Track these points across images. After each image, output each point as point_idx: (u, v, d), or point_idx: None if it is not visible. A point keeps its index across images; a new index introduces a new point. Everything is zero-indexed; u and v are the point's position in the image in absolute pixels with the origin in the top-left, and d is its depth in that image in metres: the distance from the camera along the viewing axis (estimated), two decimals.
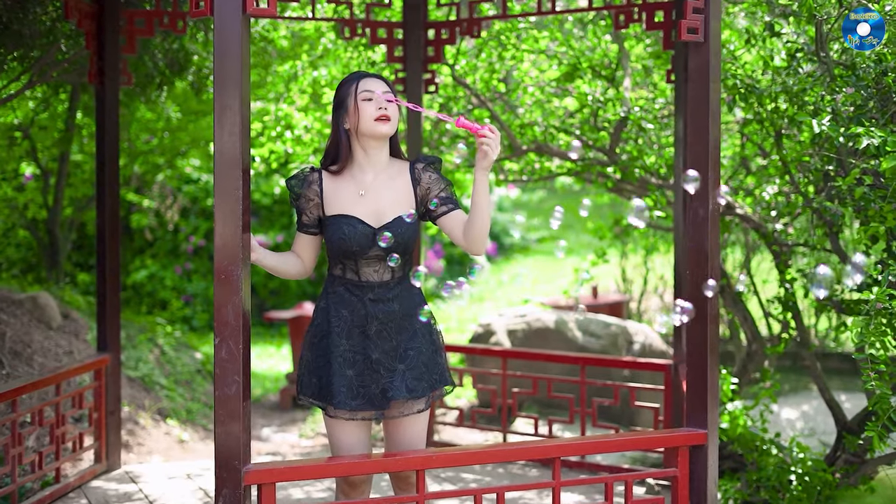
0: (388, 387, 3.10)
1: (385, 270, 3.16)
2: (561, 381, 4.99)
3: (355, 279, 3.16)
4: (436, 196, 3.19)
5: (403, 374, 3.11)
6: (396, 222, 3.14)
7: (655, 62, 5.75)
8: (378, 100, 3.13)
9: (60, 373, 4.45)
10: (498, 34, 5.61)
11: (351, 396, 3.11)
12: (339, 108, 3.19)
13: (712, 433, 3.37)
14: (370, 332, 3.13)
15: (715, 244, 3.37)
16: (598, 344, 6.55)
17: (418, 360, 3.14)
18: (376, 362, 3.12)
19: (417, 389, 3.12)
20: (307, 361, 3.21)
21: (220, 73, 2.84)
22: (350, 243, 3.11)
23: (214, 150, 2.86)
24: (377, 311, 3.13)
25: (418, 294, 3.23)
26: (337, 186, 3.19)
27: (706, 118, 3.33)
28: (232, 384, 2.86)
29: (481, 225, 3.07)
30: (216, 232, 2.86)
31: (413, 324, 3.17)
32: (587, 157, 5.59)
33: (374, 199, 3.16)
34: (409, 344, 3.15)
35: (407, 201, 3.18)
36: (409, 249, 3.18)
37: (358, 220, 3.13)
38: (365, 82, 3.15)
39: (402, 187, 3.19)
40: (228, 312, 2.86)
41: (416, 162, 3.23)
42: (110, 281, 4.80)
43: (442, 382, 3.21)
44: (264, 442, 6.50)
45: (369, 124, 3.12)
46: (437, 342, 3.23)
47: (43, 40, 5.15)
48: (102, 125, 4.80)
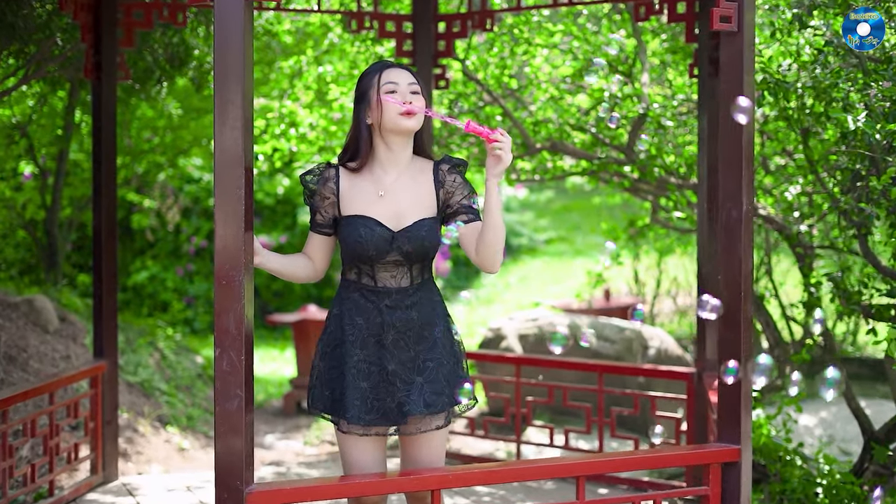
0: (404, 401, 2.89)
1: (403, 276, 2.95)
2: (577, 389, 4.78)
3: (371, 284, 2.95)
4: (458, 202, 2.97)
5: (421, 388, 2.90)
6: (417, 226, 2.93)
7: (674, 57, 5.54)
8: (403, 92, 2.91)
9: (53, 381, 4.25)
10: (511, 28, 5.40)
11: (365, 410, 2.89)
12: (360, 101, 2.97)
13: (746, 449, 3.16)
14: (386, 341, 2.92)
15: (748, 247, 3.16)
16: (613, 349, 6.34)
17: (438, 373, 2.92)
18: (392, 374, 2.90)
19: (436, 404, 2.90)
20: (319, 372, 3.00)
21: (220, 65, 2.64)
22: (366, 247, 2.89)
23: (215, 146, 2.66)
24: (394, 318, 2.92)
25: (439, 303, 3.02)
26: (355, 185, 2.97)
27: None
28: (234, 398, 2.66)
29: (494, 239, 2.85)
30: (216, 234, 2.65)
31: (433, 333, 2.95)
32: (604, 155, 5.38)
33: (395, 201, 2.95)
34: (429, 355, 2.93)
35: (428, 204, 2.97)
36: (429, 256, 2.97)
37: (376, 223, 2.92)
38: (389, 73, 2.93)
39: (424, 188, 2.98)
40: (230, 320, 2.65)
41: (442, 162, 3.02)
42: (107, 284, 4.60)
43: (464, 398, 2.98)
44: (267, 450, 6.29)
45: (393, 119, 2.90)
46: (458, 354, 3.01)
47: (39, 35, 4.96)
48: (99, 121, 4.59)
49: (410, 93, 2.92)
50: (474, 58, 5.68)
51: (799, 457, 4.82)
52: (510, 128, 5.48)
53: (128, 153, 8.74)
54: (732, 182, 3.16)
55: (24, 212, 8.04)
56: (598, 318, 6.76)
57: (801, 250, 5.14)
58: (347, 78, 5.84)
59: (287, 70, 6.45)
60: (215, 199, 2.65)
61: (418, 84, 2.97)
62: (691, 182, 5.23)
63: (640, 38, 5.27)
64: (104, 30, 4.53)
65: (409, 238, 2.90)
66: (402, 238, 2.90)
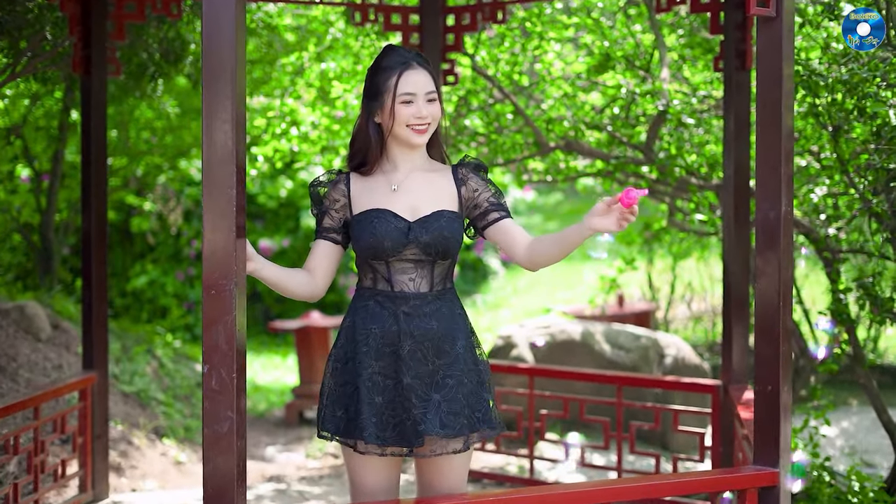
0: (419, 419, 2.61)
1: (422, 279, 2.68)
2: (595, 402, 4.51)
3: (387, 289, 2.69)
4: (486, 199, 2.74)
5: (438, 406, 2.62)
6: (435, 216, 2.68)
7: (693, 52, 5.27)
8: (419, 104, 2.67)
9: (39, 394, 3.99)
10: (523, 21, 5.14)
11: (381, 427, 2.63)
12: (371, 98, 2.71)
13: (785, 473, 2.89)
14: (402, 351, 2.65)
15: (788, 252, 2.90)
16: (628, 358, 6.07)
17: (458, 392, 2.65)
18: (408, 388, 2.63)
19: (453, 426, 2.62)
20: (329, 391, 2.73)
21: (209, 51, 2.38)
22: (381, 239, 2.64)
23: (203, 142, 2.40)
24: (412, 327, 2.66)
25: (461, 315, 2.75)
26: (366, 186, 2.74)
27: (778, 103, 2.86)
28: (224, 421, 2.40)
29: (557, 258, 2.67)
30: (205, 238, 2.40)
31: (454, 348, 2.68)
32: (621, 154, 5.12)
33: (409, 193, 2.71)
34: (449, 371, 2.66)
35: (448, 199, 2.72)
36: (450, 254, 2.71)
37: (391, 214, 2.67)
38: (408, 78, 2.67)
39: (442, 185, 2.74)
40: (219, 334, 2.40)
41: (460, 165, 2.78)
42: (97, 290, 4.34)
43: (486, 424, 2.70)
44: (268, 462, 6.03)
45: (403, 131, 2.68)
46: (482, 375, 2.74)
47: (29, 30, 4.72)
48: (88, 119, 4.34)
49: (427, 101, 2.67)
50: (484, 53, 5.42)
51: (827, 472, 4.55)
52: (522, 126, 5.22)
53: (126, 155, 8.50)
54: (770, 182, 2.89)
55: (19, 215, 7.81)
56: (612, 324, 6.49)
57: (828, 255, 4.87)
58: (351, 75, 5.58)
59: (288, 67, 6.19)
60: (203, 199, 2.40)
61: (437, 88, 2.73)
62: (713, 183, 4.96)
63: (658, 31, 5.01)
64: (94, 22, 4.28)
65: (426, 228, 2.65)
66: (419, 228, 2.66)
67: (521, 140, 5.14)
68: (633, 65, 5.10)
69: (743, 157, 4.06)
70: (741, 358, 4.12)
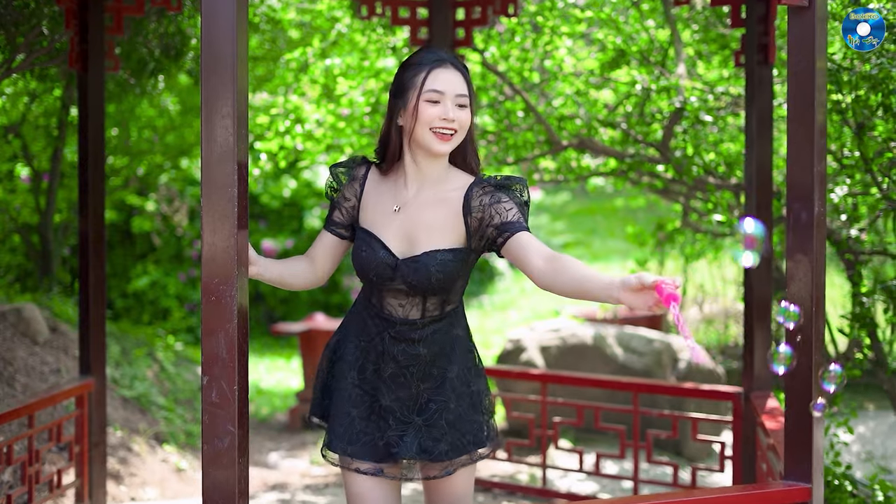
0: (394, 441, 2.49)
1: (413, 307, 2.51)
2: (610, 409, 4.34)
3: (378, 308, 2.54)
4: (492, 225, 2.44)
5: (419, 430, 2.49)
6: (426, 258, 2.45)
7: (710, 48, 5.11)
8: (447, 105, 2.43)
9: (33, 402, 3.83)
10: (534, 15, 4.97)
11: (348, 440, 2.51)
12: (397, 97, 2.50)
13: (818, 488, 2.74)
14: (384, 373, 2.52)
15: (821, 255, 2.74)
16: (641, 362, 5.91)
17: (441, 417, 2.50)
18: (386, 410, 2.52)
19: (431, 451, 2.48)
20: (322, 376, 2.64)
21: (208, 39, 2.23)
22: (367, 269, 2.49)
23: (202, 138, 2.24)
24: (397, 351, 2.51)
25: (460, 339, 2.57)
26: (377, 191, 2.56)
27: (811, 98, 2.70)
28: (225, 436, 2.24)
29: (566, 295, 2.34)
30: (204, 241, 2.24)
31: (444, 372, 2.53)
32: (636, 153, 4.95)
33: (409, 221, 2.50)
34: (434, 395, 2.52)
35: (451, 232, 2.48)
36: (441, 292, 2.50)
37: (380, 245, 2.49)
38: (437, 75, 2.44)
39: (449, 214, 2.48)
40: (219, 343, 2.24)
41: (476, 184, 2.49)
42: (95, 294, 4.18)
43: (477, 445, 2.56)
44: (271, 469, 5.87)
45: (425, 135, 2.44)
46: (475, 397, 2.57)
47: (25, 26, 4.57)
48: (86, 116, 4.18)
49: (457, 105, 2.44)
50: (493, 49, 5.26)
51: (849, 481, 4.39)
52: (534, 123, 5.06)
53: (127, 154, 8.35)
54: (802, 181, 2.73)
55: (18, 215, 7.66)
56: (624, 327, 6.33)
57: (850, 257, 4.71)
58: (357, 71, 5.42)
59: (292, 64, 6.03)
60: (202, 199, 2.24)
61: (469, 93, 2.48)
62: (731, 182, 4.80)
63: (674, 25, 4.84)
64: (91, 15, 4.13)
65: (414, 269, 2.45)
66: (406, 268, 2.46)
67: (532, 138, 4.98)
68: (647, 60, 4.94)
69: (765, 155, 3.90)
70: (763, 364, 3.96)
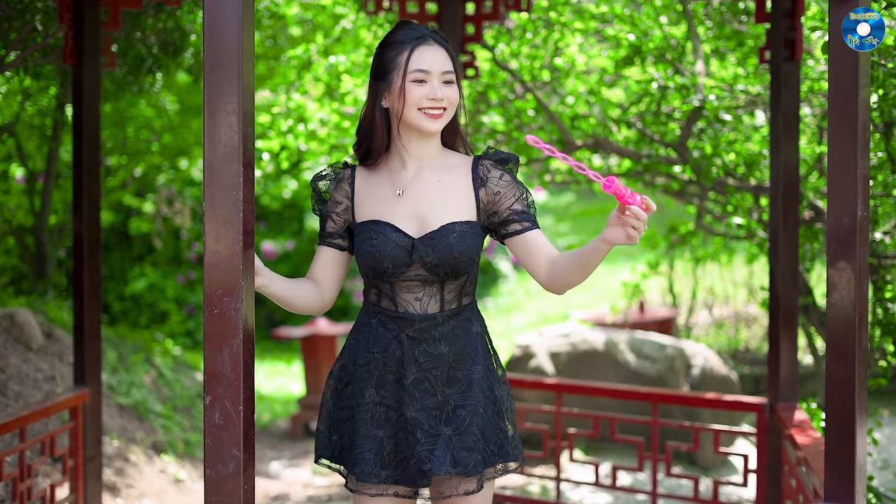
0: (426, 457, 2.28)
1: (431, 299, 2.34)
2: (628, 421, 4.17)
3: (391, 308, 2.35)
4: (507, 208, 2.35)
5: (449, 441, 2.30)
6: (444, 231, 2.30)
7: (728, 44, 4.93)
8: (433, 84, 2.31)
9: (25, 415, 3.65)
10: (546, 10, 4.79)
11: (380, 464, 2.31)
12: (380, 79, 2.36)
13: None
14: (406, 380, 2.32)
15: (863, 263, 2.57)
16: (654, 369, 5.73)
17: (471, 423, 2.31)
18: (412, 422, 2.31)
19: (466, 463, 2.29)
20: (328, 411, 2.43)
21: (211, 29, 2.05)
22: (380, 259, 2.30)
23: (204, 137, 2.06)
24: (418, 353, 2.33)
25: (479, 335, 2.41)
26: (371, 185, 2.38)
27: (854, 93, 2.52)
28: (230, 460, 2.06)
29: (577, 279, 2.32)
30: (206, 249, 2.06)
31: (469, 373, 2.35)
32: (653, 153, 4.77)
33: (416, 200, 2.34)
34: (461, 400, 2.33)
35: (463, 205, 2.35)
36: (462, 273, 2.34)
37: (392, 228, 2.32)
38: (420, 54, 2.31)
39: (457, 186, 2.36)
40: (223, 360, 2.06)
41: (484, 157, 2.39)
42: (90, 300, 4.00)
43: (502, 457, 2.37)
44: (273, 479, 5.69)
45: (414, 115, 2.31)
46: (500, 402, 2.40)
47: (17, 21, 4.39)
48: (81, 114, 4.00)
49: (443, 83, 2.32)
50: (503, 46, 5.08)
51: (872, 493, 4.23)
52: (546, 122, 4.88)
53: (124, 154, 8.17)
54: (844, 183, 2.56)
55: (12, 217, 7.48)
56: (635, 332, 6.15)
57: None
58: (362, 68, 5.24)
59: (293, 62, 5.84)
60: (205, 204, 2.06)
61: (455, 68, 2.36)
62: (750, 184, 4.63)
63: (691, 21, 4.67)
64: (86, 9, 3.95)
65: (433, 247, 2.30)
66: (424, 247, 2.30)
67: (544, 137, 4.80)
68: (663, 57, 4.76)
69: (792, 156, 3.73)
70: (789, 374, 3.79)
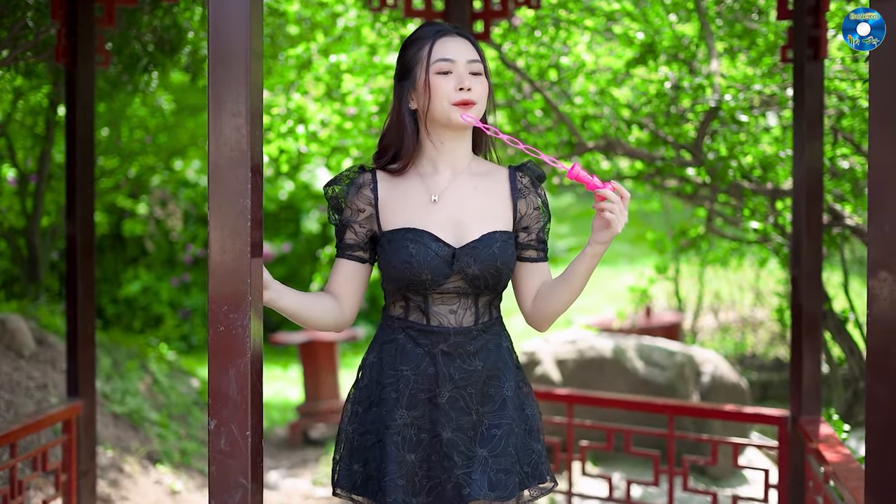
0: (463, 481, 2.13)
1: (467, 311, 2.20)
2: (643, 433, 4.02)
3: (422, 322, 2.20)
4: (535, 231, 2.27)
5: (485, 464, 2.15)
6: (486, 241, 2.17)
7: (742, 42, 4.79)
8: (460, 74, 2.18)
9: (15, 429, 3.49)
10: (556, 8, 4.64)
11: (413, 492, 2.15)
12: (404, 79, 2.24)
13: None
14: (441, 399, 2.17)
15: None
16: (663, 376, 5.59)
17: (507, 444, 2.17)
18: (448, 444, 2.15)
19: (504, 486, 2.14)
20: (347, 437, 2.26)
21: (216, 24, 1.89)
22: (419, 270, 2.15)
23: (209, 139, 1.91)
24: (453, 369, 2.18)
25: (508, 350, 2.27)
26: (398, 191, 2.23)
27: None
28: (236, 490, 1.90)
29: (565, 304, 2.21)
30: (211, 260, 1.90)
31: (502, 390, 2.21)
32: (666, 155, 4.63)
33: (454, 208, 2.20)
34: (496, 420, 2.19)
35: (501, 215, 2.22)
36: (503, 283, 2.22)
37: (431, 237, 2.16)
38: (443, 45, 2.19)
39: (494, 194, 2.24)
40: (229, 382, 1.91)
41: (521, 170, 2.28)
42: (83, 308, 3.84)
43: (537, 479, 2.23)
44: (272, 490, 5.53)
45: (443, 108, 2.17)
46: (530, 421, 2.26)
47: (8, 18, 4.23)
48: (74, 114, 3.84)
49: (470, 73, 2.19)
50: (510, 45, 4.93)
51: None
52: (556, 122, 4.73)
53: (118, 155, 8.00)
54: (886, 187, 2.40)
55: (4, 219, 7.31)
56: (642, 338, 6.01)
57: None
58: (364, 68, 5.08)
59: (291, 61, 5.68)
60: (210, 212, 1.90)
61: (481, 59, 2.22)
62: (768, 187, 4.49)
63: (705, 19, 4.52)
64: (79, 5, 3.79)
65: (475, 257, 2.16)
66: (466, 256, 2.16)
67: (554, 139, 4.65)
68: (676, 56, 4.62)
69: (816, 158, 3.58)
70: (812, 385, 3.64)
